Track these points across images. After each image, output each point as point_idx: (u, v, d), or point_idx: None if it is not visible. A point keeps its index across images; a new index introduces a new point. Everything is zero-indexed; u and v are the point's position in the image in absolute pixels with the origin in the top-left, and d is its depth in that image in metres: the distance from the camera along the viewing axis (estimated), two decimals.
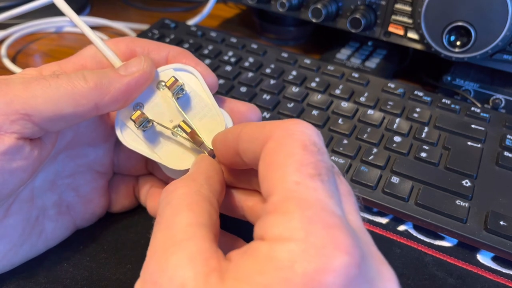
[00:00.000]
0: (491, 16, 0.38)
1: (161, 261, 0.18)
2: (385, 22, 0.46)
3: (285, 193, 0.17)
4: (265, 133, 0.20)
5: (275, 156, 0.19)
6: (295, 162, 0.18)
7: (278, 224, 0.17)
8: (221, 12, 0.65)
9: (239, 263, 0.17)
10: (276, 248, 0.16)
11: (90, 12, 0.62)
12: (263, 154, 0.19)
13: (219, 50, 0.46)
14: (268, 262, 0.16)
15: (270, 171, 0.18)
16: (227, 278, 0.17)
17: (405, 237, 0.32)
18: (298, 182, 0.17)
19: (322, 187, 0.17)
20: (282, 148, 0.19)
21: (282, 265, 0.15)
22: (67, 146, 0.28)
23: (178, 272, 0.17)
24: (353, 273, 0.15)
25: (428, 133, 0.37)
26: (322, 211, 0.16)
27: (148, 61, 0.25)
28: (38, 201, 0.27)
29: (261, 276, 0.15)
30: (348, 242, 0.16)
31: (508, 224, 0.30)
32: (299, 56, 0.46)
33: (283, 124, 0.20)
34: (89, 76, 0.24)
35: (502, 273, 0.30)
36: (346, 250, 0.15)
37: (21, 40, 0.54)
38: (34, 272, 0.27)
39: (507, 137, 0.37)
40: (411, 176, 0.33)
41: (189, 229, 0.19)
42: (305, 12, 0.49)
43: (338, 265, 0.15)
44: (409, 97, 0.41)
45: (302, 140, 0.19)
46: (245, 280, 0.16)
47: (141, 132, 0.26)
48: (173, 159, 0.26)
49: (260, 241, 0.17)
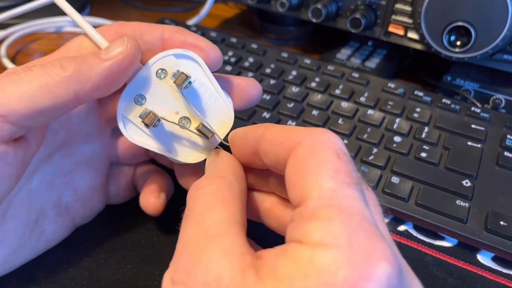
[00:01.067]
0: (491, 16, 0.38)
1: (194, 254, 0.18)
2: (385, 22, 0.46)
3: (323, 199, 0.17)
4: (292, 138, 0.20)
5: (308, 163, 0.18)
6: (330, 170, 0.18)
7: (319, 229, 0.16)
8: (221, 12, 0.64)
9: (277, 263, 0.17)
10: (319, 253, 0.16)
11: (90, 12, 0.62)
12: (292, 160, 0.19)
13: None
14: (311, 266, 0.16)
15: (303, 176, 0.18)
16: (265, 277, 0.16)
17: (405, 237, 0.32)
18: (335, 190, 0.17)
19: (358, 195, 0.17)
20: (315, 155, 0.18)
21: (326, 270, 0.15)
22: (61, 145, 0.27)
23: (214, 265, 0.17)
24: (393, 283, 0.15)
25: (428, 133, 0.37)
26: (363, 220, 0.16)
27: (132, 42, 0.23)
28: (36, 203, 0.26)
29: (304, 279, 0.15)
30: (389, 252, 0.16)
31: (508, 224, 0.30)
32: (299, 56, 0.46)
33: (313, 131, 0.19)
34: (66, 63, 0.22)
35: (502, 273, 0.30)
36: (388, 260, 0.16)
37: (21, 40, 0.54)
38: (33, 273, 0.27)
39: (507, 137, 0.37)
40: (411, 176, 0.33)
41: (223, 224, 0.19)
42: (305, 12, 0.48)
43: (381, 274, 0.15)
44: (409, 97, 0.41)
45: (335, 149, 0.18)
46: (286, 282, 0.16)
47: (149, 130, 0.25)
48: (183, 152, 0.25)
49: (299, 244, 0.17)
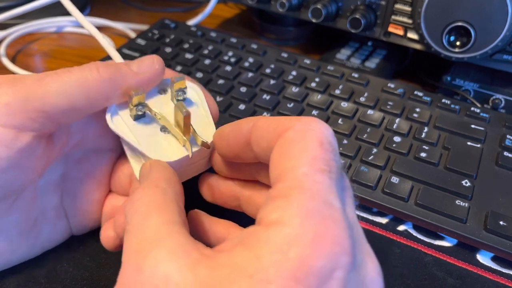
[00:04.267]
0: (491, 16, 0.38)
1: (137, 262, 0.18)
2: (385, 22, 0.46)
3: (292, 181, 0.18)
4: (284, 124, 0.20)
5: (292, 146, 0.19)
6: (309, 156, 0.19)
7: (277, 208, 0.17)
8: (221, 12, 0.65)
9: (234, 251, 0.17)
10: (272, 232, 0.17)
11: (90, 12, 0.62)
12: (279, 142, 0.20)
13: (219, 50, 0.46)
14: (264, 246, 0.16)
15: (283, 159, 0.19)
16: (218, 267, 0.17)
17: (405, 237, 0.32)
18: (307, 174, 0.18)
19: (328, 182, 0.18)
20: (300, 140, 0.19)
21: (278, 248, 0.16)
22: (73, 148, 0.28)
23: (159, 267, 0.17)
24: (343, 260, 0.16)
25: (428, 133, 0.37)
26: (321, 203, 0.17)
27: (159, 62, 0.26)
28: (40, 202, 0.27)
29: (257, 261, 0.16)
30: (340, 233, 0.17)
31: (507, 224, 0.30)
32: (299, 56, 0.46)
33: (304, 119, 0.20)
34: (102, 69, 0.24)
35: (502, 273, 0.30)
36: (337, 240, 0.16)
37: (21, 39, 0.54)
38: (34, 272, 0.27)
39: (507, 137, 0.37)
40: (411, 176, 0.33)
41: (162, 228, 0.19)
42: (305, 12, 0.49)
43: (330, 251, 0.16)
44: (409, 97, 0.41)
45: (320, 137, 0.19)
46: (239, 266, 0.16)
47: (131, 122, 0.26)
48: (156, 151, 0.26)
49: (257, 226, 0.18)
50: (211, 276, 0.16)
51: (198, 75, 0.43)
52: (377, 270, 0.18)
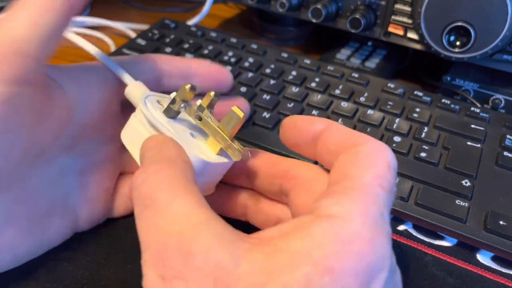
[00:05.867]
0: (491, 16, 0.38)
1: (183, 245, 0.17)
2: (385, 22, 0.46)
3: (356, 185, 0.19)
4: (358, 138, 0.22)
5: (361, 159, 0.21)
6: (376, 172, 0.20)
7: (339, 204, 0.18)
8: (221, 12, 0.65)
9: (293, 238, 0.17)
10: (335, 224, 0.18)
11: (90, 12, 0.62)
12: (350, 151, 0.21)
13: (219, 50, 0.46)
14: (327, 237, 0.17)
15: (350, 167, 0.21)
16: (276, 252, 0.17)
17: (405, 236, 0.32)
18: (371, 184, 0.20)
19: (385, 198, 0.20)
20: (371, 156, 0.21)
21: (341, 241, 0.17)
22: (79, 137, 0.28)
23: (211, 253, 0.17)
24: (387, 263, 0.18)
25: (428, 133, 0.37)
26: (377, 211, 0.19)
27: None
28: (46, 194, 0.27)
29: (320, 249, 0.17)
30: (387, 240, 0.19)
31: (507, 224, 0.30)
32: (299, 56, 0.46)
33: (378, 141, 0.22)
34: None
35: (502, 273, 0.30)
36: (385, 245, 0.18)
37: None
38: (34, 272, 0.27)
39: (507, 137, 0.37)
40: (411, 176, 0.33)
41: (198, 212, 0.18)
42: (305, 12, 0.49)
43: (381, 253, 0.18)
44: (409, 97, 0.41)
45: (389, 161, 0.21)
46: (302, 252, 0.17)
47: (165, 119, 0.25)
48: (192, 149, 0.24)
49: (314, 216, 0.18)
50: (269, 262, 0.16)
51: None
52: (400, 276, 0.20)
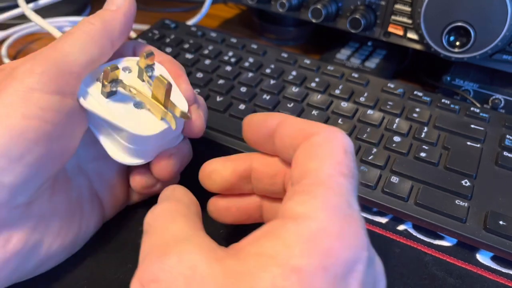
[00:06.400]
0: (491, 16, 0.38)
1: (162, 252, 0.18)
2: (384, 22, 0.46)
3: (316, 179, 0.19)
4: (312, 128, 0.22)
5: (318, 150, 0.21)
6: (334, 160, 0.20)
7: (303, 203, 0.18)
8: (221, 12, 0.65)
9: (261, 242, 0.18)
10: (300, 224, 0.18)
11: (90, 12, 0.62)
12: (305, 144, 0.21)
13: (219, 50, 0.46)
14: (293, 237, 0.17)
15: (309, 160, 0.20)
16: (246, 257, 0.17)
17: (405, 236, 0.32)
18: (331, 175, 0.19)
19: (349, 185, 0.20)
20: (326, 145, 0.21)
21: (307, 239, 0.17)
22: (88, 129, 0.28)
23: (187, 256, 0.18)
24: (363, 254, 0.18)
25: (427, 133, 0.37)
26: (344, 202, 0.19)
27: None
28: (74, 183, 0.27)
29: (287, 250, 0.17)
30: (360, 230, 0.18)
31: (507, 223, 0.30)
32: (299, 56, 0.46)
33: (331, 127, 0.22)
34: (93, 20, 0.26)
35: (502, 272, 0.30)
36: (358, 236, 0.18)
37: (22, 40, 0.54)
38: None
39: (507, 137, 0.37)
40: (411, 176, 0.33)
41: (189, 230, 0.20)
42: (305, 12, 0.49)
43: (353, 245, 0.18)
44: (409, 97, 0.41)
45: (344, 146, 0.21)
46: (270, 255, 0.17)
47: (104, 100, 0.26)
48: (136, 125, 0.25)
49: (281, 219, 0.18)
50: (240, 266, 0.17)
51: (198, 75, 0.43)
52: (381, 266, 0.20)
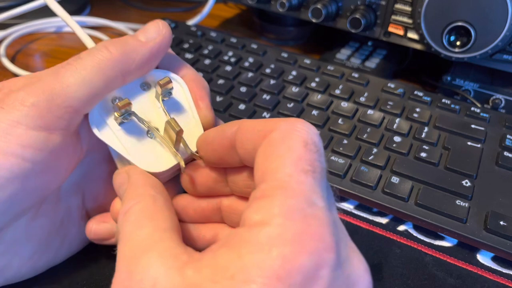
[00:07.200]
0: (491, 16, 0.38)
1: (129, 268, 0.18)
2: (385, 22, 0.46)
3: (275, 182, 0.18)
4: (269, 125, 0.20)
5: (276, 147, 0.19)
6: (293, 156, 0.19)
7: (260, 209, 0.17)
8: (221, 12, 0.65)
9: (218, 252, 0.17)
10: (254, 232, 0.17)
11: (90, 12, 0.62)
12: (264, 143, 0.20)
13: (219, 50, 0.46)
14: (246, 246, 0.16)
15: (268, 160, 0.19)
16: (203, 267, 0.17)
17: (405, 237, 0.32)
18: (291, 175, 0.18)
19: (311, 182, 0.18)
20: (284, 141, 0.19)
21: (260, 248, 0.16)
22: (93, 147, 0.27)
23: (148, 271, 0.17)
24: (327, 257, 0.16)
25: (428, 133, 0.37)
26: (303, 202, 0.17)
27: (165, 26, 0.25)
28: (64, 203, 0.27)
29: (239, 260, 0.16)
30: (322, 230, 0.17)
31: (508, 224, 0.30)
32: (299, 56, 0.46)
33: (289, 120, 0.20)
34: (112, 47, 0.23)
35: (502, 273, 0.30)
36: (320, 238, 0.17)
37: (21, 40, 0.54)
38: None
39: (507, 137, 0.37)
40: (411, 176, 0.33)
41: (155, 235, 0.19)
42: (305, 12, 0.49)
43: (313, 249, 0.16)
44: (409, 97, 0.41)
45: (305, 138, 0.19)
46: (222, 267, 0.16)
47: (117, 127, 0.25)
48: (145, 160, 0.25)
49: (240, 227, 0.18)
50: (196, 277, 0.17)
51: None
52: (363, 266, 0.18)
